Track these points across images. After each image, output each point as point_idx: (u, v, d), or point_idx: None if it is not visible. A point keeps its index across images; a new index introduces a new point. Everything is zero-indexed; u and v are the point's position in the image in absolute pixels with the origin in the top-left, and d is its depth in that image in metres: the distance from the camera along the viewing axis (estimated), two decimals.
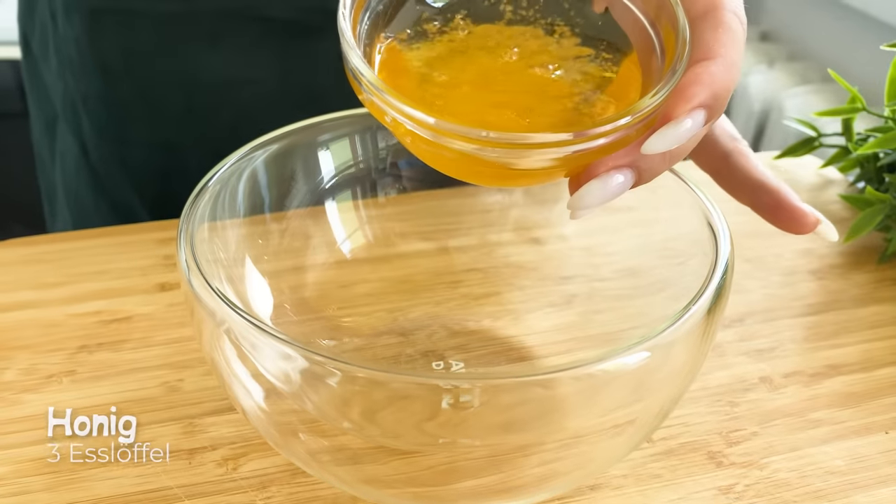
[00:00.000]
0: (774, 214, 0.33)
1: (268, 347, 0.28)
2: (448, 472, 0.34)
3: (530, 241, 0.48)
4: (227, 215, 0.34)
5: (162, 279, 0.45)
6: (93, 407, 0.36)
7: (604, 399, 0.29)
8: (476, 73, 0.30)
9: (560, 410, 0.29)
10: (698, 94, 0.27)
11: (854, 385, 0.39)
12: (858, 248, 0.49)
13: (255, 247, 0.37)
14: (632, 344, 0.27)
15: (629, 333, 0.41)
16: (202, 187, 0.33)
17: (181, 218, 0.32)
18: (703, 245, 0.42)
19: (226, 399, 0.37)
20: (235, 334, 0.29)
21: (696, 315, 0.28)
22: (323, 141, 0.37)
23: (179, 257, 0.31)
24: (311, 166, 0.37)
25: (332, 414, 0.32)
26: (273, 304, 0.37)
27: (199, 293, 0.29)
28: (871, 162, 0.52)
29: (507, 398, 0.29)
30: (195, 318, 0.31)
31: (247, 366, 0.30)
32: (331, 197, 0.39)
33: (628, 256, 0.45)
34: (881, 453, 0.36)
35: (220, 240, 0.34)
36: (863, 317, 0.44)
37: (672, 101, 0.27)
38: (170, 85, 0.53)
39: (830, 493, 0.34)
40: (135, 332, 0.41)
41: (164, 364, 0.39)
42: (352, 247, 0.41)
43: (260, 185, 0.36)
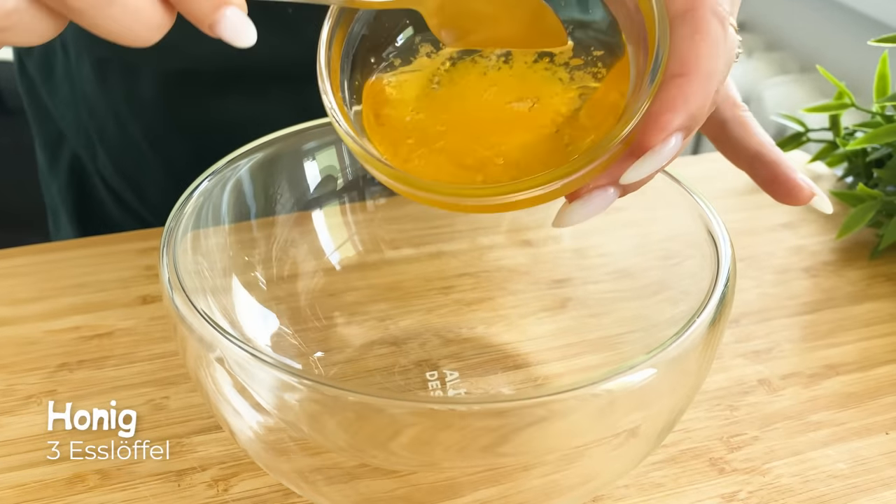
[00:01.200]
0: (770, 186, 0.32)
1: (257, 371, 0.27)
2: (445, 489, 0.33)
3: (522, 244, 0.47)
4: (212, 225, 0.33)
5: (143, 291, 0.43)
6: (74, 431, 0.35)
7: (608, 415, 0.28)
8: (456, 113, 0.30)
9: (561, 429, 0.28)
10: (673, 121, 0.27)
11: (852, 385, 0.39)
12: (849, 245, 0.49)
13: (240, 258, 0.36)
14: (637, 361, 0.26)
15: (626, 338, 0.40)
16: (186, 198, 0.32)
17: (164, 231, 0.31)
18: (700, 246, 0.42)
19: (213, 417, 0.36)
20: (223, 357, 0.28)
21: (701, 326, 0.28)
22: (309, 149, 0.36)
23: (162, 274, 0.29)
24: (296, 174, 0.36)
25: (326, 437, 0.31)
26: (260, 317, 0.36)
27: (182, 312, 0.28)
28: (860, 157, 0.52)
29: (506, 420, 0.28)
30: (178, 335, 0.30)
31: (234, 387, 0.29)
32: (318, 205, 0.38)
33: (621, 258, 0.44)
34: (883, 455, 0.36)
35: (205, 251, 0.33)
36: (858, 314, 0.44)
37: (647, 130, 0.26)
38: (180, 129, 0.53)
39: (834, 498, 0.34)
40: (117, 347, 0.40)
41: (149, 381, 0.38)
42: (340, 255, 0.40)
43: (245, 194, 0.34)
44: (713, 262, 0.35)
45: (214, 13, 0.24)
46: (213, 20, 0.24)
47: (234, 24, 0.24)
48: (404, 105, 0.30)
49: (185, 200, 0.31)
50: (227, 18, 0.24)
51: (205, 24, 0.24)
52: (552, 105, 0.30)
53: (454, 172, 0.30)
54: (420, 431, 0.28)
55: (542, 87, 0.31)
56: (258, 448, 0.31)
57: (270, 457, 0.31)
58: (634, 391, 0.27)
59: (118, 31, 0.23)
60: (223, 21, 0.24)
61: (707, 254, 0.39)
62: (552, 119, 0.30)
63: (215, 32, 0.24)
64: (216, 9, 0.24)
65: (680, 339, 0.27)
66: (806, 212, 0.52)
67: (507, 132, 0.30)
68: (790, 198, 0.32)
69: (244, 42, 0.25)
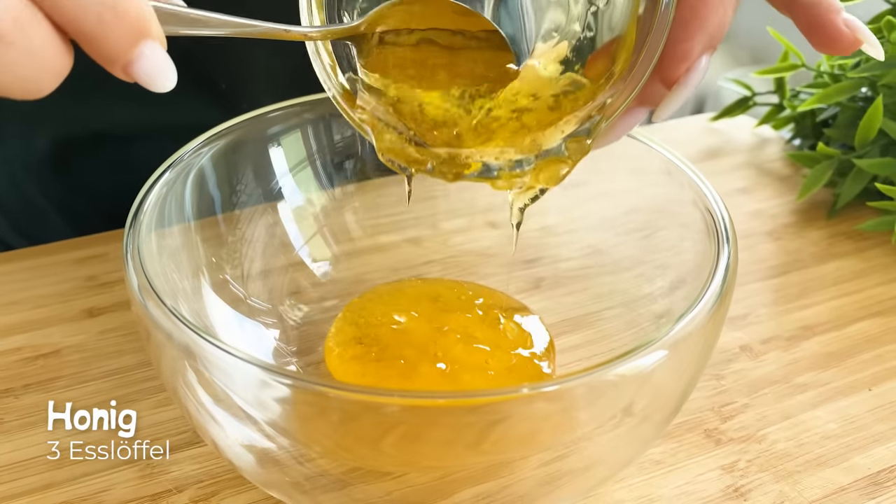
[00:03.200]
0: (810, 31, 0.28)
1: (246, 376, 0.25)
2: (442, 486, 0.31)
3: (486, 226, 0.45)
4: (175, 221, 0.30)
5: (88, 304, 0.40)
6: (28, 460, 0.32)
7: (613, 400, 0.27)
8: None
9: (565, 418, 0.27)
10: (693, 49, 0.26)
11: (830, 345, 0.39)
12: (806, 206, 0.49)
13: (208, 257, 0.33)
14: (647, 343, 0.25)
15: (606, 314, 0.39)
16: (145, 193, 0.29)
17: (126, 230, 0.28)
18: (677, 216, 0.41)
19: (186, 431, 0.33)
20: (206, 364, 0.25)
21: (710, 300, 0.27)
22: (273, 134, 0.33)
23: (129, 278, 0.27)
24: (261, 162, 0.34)
25: (316, 441, 0.29)
26: (234, 320, 0.33)
27: (158, 320, 0.25)
28: (808, 118, 0.52)
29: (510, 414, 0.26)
30: (152, 345, 0.27)
31: (219, 395, 0.27)
32: (282, 195, 0.35)
33: (588, 234, 0.43)
34: (869, 412, 0.36)
35: (171, 251, 0.30)
36: (824, 274, 0.44)
37: (669, 62, 0.26)
38: (81, 189, 0.49)
39: (830, 458, 0.33)
40: (66, 367, 0.36)
41: (108, 400, 0.34)
42: (310, 249, 0.38)
43: (208, 185, 0.32)
44: (702, 230, 0.34)
45: (130, 50, 0.20)
46: (127, 59, 0.20)
47: (154, 64, 0.21)
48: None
49: (145, 194, 0.29)
50: (144, 57, 0.20)
51: (117, 66, 0.20)
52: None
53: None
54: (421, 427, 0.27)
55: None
56: (248, 460, 0.29)
57: (261, 468, 0.29)
58: (645, 374, 0.25)
59: (11, 82, 0.19)
60: (140, 60, 0.20)
61: (689, 222, 0.38)
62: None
63: (130, 74, 0.21)
64: (132, 45, 0.20)
65: (689, 315, 0.26)
66: (760, 175, 0.52)
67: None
68: (832, 45, 0.27)
69: (162, 85, 0.21)
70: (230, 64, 0.46)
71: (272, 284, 0.36)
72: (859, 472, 0.33)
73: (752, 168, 0.53)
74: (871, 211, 0.47)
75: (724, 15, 0.26)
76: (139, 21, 0.20)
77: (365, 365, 0.34)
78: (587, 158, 0.46)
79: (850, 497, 0.32)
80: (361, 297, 0.37)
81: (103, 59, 0.20)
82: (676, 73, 0.26)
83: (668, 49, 0.26)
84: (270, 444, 0.29)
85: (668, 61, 0.26)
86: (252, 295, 0.35)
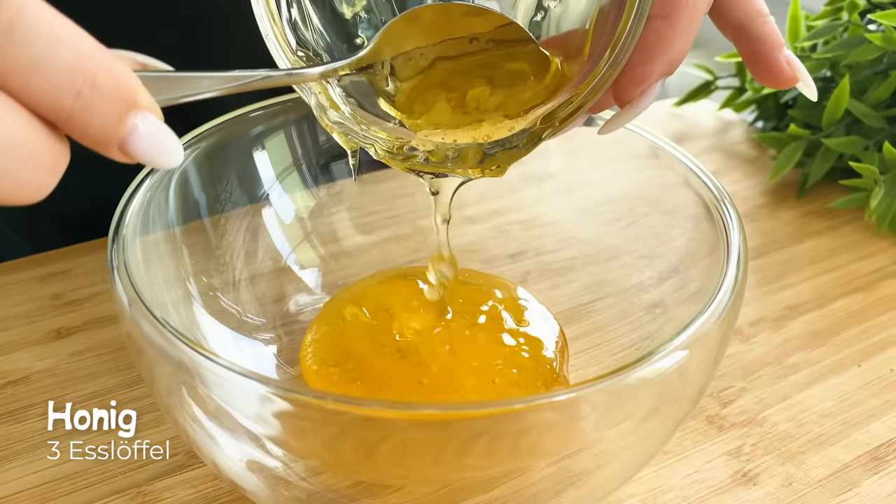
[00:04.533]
0: (752, 63, 0.29)
1: (248, 393, 0.23)
2: (451, 495, 0.30)
3: (465, 221, 0.45)
4: (160, 228, 0.29)
5: (55, 324, 0.37)
6: (12, 496, 0.30)
7: (634, 405, 0.26)
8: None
9: (578, 425, 0.26)
10: (653, 73, 0.26)
11: (815, 323, 0.40)
12: (776, 186, 0.50)
13: (196, 267, 0.31)
14: (666, 343, 0.24)
15: (597, 305, 0.39)
16: (126, 202, 0.27)
17: (109, 244, 0.26)
18: (660, 203, 0.41)
19: (179, 453, 0.32)
20: (205, 381, 0.24)
21: (727, 292, 0.26)
22: (257, 134, 0.32)
23: (117, 292, 0.25)
24: (245, 165, 0.32)
25: (323, 455, 0.27)
26: (228, 335, 0.32)
27: (151, 336, 0.24)
28: (771, 100, 0.53)
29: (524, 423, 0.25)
30: (144, 361, 0.26)
31: (215, 411, 0.25)
32: (268, 200, 0.34)
33: (567, 225, 0.43)
34: (861, 387, 0.36)
35: (157, 260, 0.29)
36: (801, 253, 0.44)
37: (625, 83, 0.26)
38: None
39: (830, 437, 0.34)
40: (38, 393, 0.34)
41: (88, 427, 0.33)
42: (297, 256, 0.36)
43: (192, 190, 0.30)
44: (695, 214, 0.34)
45: (120, 126, 0.18)
46: (120, 136, 0.18)
47: (152, 137, 0.18)
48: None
49: (126, 203, 0.27)
50: (139, 131, 0.18)
51: (112, 146, 0.18)
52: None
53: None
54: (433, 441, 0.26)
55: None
56: (248, 478, 0.27)
57: (264, 486, 0.27)
58: (667, 376, 0.25)
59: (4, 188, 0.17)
60: (135, 135, 0.18)
61: (676, 207, 0.38)
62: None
63: (129, 153, 0.18)
64: (121, 119, 0.18)
65: (706, 313, 0.25)
66: (727, 159, 0.53)
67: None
68: (770, 79, 0.29)
69: (169, 161, 0.19)
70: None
71: (262, 291, 0.35)
72: (859, 448, 0.33)
73: (718, 151, 0.54)
74: (839, 188, 0.48)
75: (687, 43, 0.26)
76: (123, 91, 0.18)
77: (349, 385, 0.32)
78: (563, 148, 0.46)
79: (854, 473, 0.32)
80: (336, 300, 0.36)
81: (93, 141, 0.18)
82: (632, 95, 0.26)
83: (627, 69, 0.26)
84: (271, 461, 0.28)
85: (625, 81, 0.26)
86: (245, 309, 0.33)
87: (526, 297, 0.38)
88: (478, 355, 0.32)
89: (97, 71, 0.17)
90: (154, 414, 0.33)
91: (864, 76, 0.46)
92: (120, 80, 0.18)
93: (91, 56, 0.17)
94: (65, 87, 0.17)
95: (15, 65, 0.17)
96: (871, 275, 0.43)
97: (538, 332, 0.35)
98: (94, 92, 0.17)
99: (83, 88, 0.17)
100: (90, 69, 0.17)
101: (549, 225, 0.44)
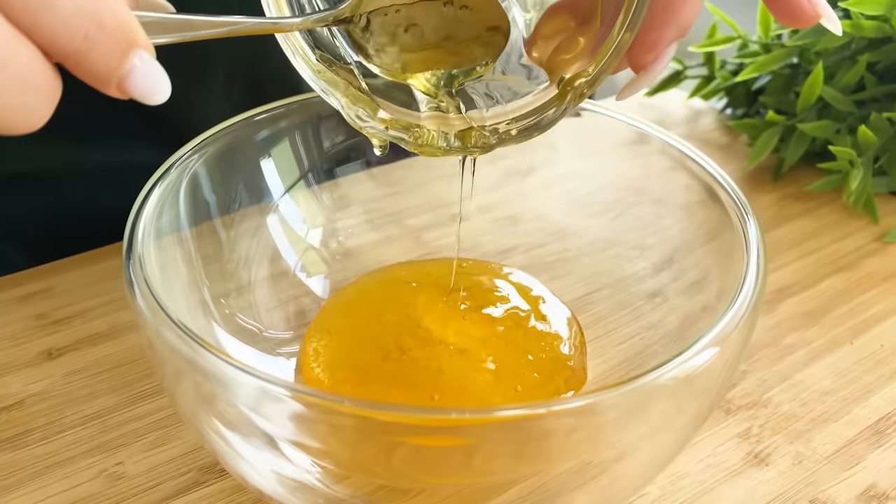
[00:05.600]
0: (774, 6, 0.27)
1: (283, 402, 0.23)
2: (474, 493, 0.30)
3: (454, 219, 0.44)
4: (172, 233, 0.28)
5: (44, 345, 0.36)
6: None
7: (664, 405, 0.26)
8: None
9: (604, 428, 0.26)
10: (663, 39, 0.26)
11: (805, 304, 0.41)
12: (752, 172, 0.51)
13: (210, 276, 0.30)
14: (697, 341, 0.24)
15: (595, 297, 0.39)
16: (137, 211, 0.26)
17: (125, 259, 0.25)
18: (647, 192, 0.41)
19: (189, 471, 0.31)
20: (238, 391, 0.23)
21: (752, 283, 0.26)
22: (262, 139, 0.31)
23: (136, 302, 0.24)
24: (252, 170, 0.31)
25: (357, 461, 0.27)
26: (236, 333, 0.31)
27: (179, 348, 0.23)
28: (741, 87, 0.54)
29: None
30: (168, 372, 0.25)
31: (253, 424, 0.25)
32: (276, 208, 0.33)
33: (557, 218, 0.43)
34: (856, 364, 0.37)
35: (172, 267, 0.28)
36: (781, 237, 0.45)
37: (638, 49, 0.26)
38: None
39: (833, 413, 0.35)
40: (35, 418, 0.33)
41: (92, 449, 0.31)
42: (304, 262, 0.35)
43: (203, 191, 0.29)
44: (691, 201, 0.34)
45: (121, 65, 0.19)
46: (120, 74, 0.19)
47: (148, 74, 0.19)
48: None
49: (138, 211, 0.26)
50: (137, 69, 0.19)
51: (112, 83, 0.19)
52: None
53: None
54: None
55: None
56: (277, 486, 0.27)
57: (288, 493, 0.27)
58: (699, 374, 0.24)
59: (9, 109, 0.18)
60: (134, 73, 0.19)
61: (665, 195, 0.38)
62: None
63: (125, 90, 0.19)
64: (122, 58, 0.19)
65: (734, 307, 0.25)
66: (701, 146, 0.54)
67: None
68: (794, 18, 0.27)
69: (159, 96, 0.20)
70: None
71: (275, 300, 0.34)
72: (861, 423, 0.34)
73: (692, 140, 0.54)
74: (812, 172, 0.49)
75: (696, 7, 0.26)
76: (125, 31, 0.19)
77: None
78: (542, 141, 0.46)
79: (860, 448, 0.33)
80: (337, 303, 0.35)
81: (95, 78, 0.19)
82: (645, 61, 0.27)
83: (638, 37, 0.26)
84: (297, 469, 0.27)
85: (637, 48, 0.27)
86: (265, 325, 0.33)
87: (532, 283, 0.38)
88: (496, 360, 0.32)
89: (103, 10, 0.18)
90: (161, 431, 0.32)
91: (833, 62, 0.48)
92: (123, 20, 0.19)
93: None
94: (74, 27, 0.18)
95: (27, 3, 0.17)
96: (853, 254, 0.44)
97: (553, 325, 0.35)
98: (99, 31, 0.18)
99: (90, 28, 0.18)
100: (96, 8, 0.18)
101: (538, 219, 0.44)
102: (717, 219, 0.32)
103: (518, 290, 0.37)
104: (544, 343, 0.34)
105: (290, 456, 0.27)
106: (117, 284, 0.39)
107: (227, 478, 0.31)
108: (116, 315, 0.38)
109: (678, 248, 0.38)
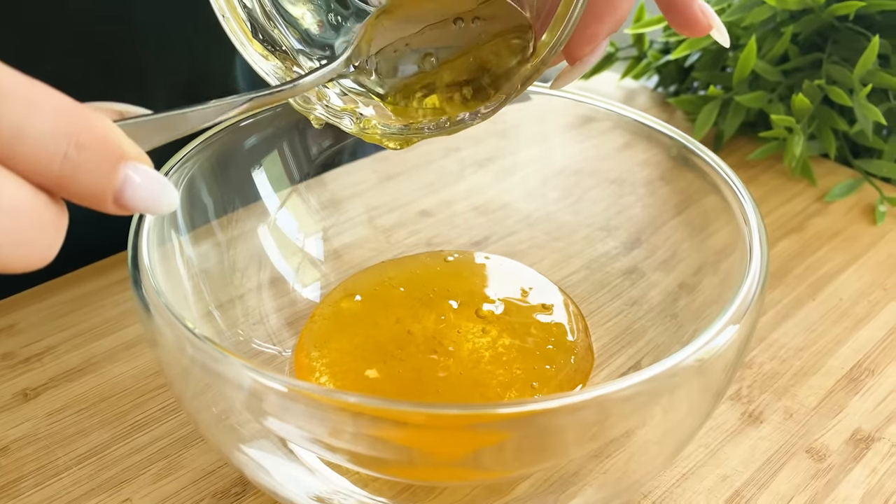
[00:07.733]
0: (669, 13, 0.31)
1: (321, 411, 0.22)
2: (493, 486, 0.31)
3: (420, 216, 0.44)
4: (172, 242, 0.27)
5: (17, 386, 0.34)
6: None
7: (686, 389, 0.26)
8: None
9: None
10: (601, 33, 0.28)
11: None
12: None
13: (212, 282, 0.29)
14: (715, 323, 0.24)
15: (572, 279, 0.40)
16: (136, 231, 0.25)
17: (129, 260, 0.24)
18: (606, 173, 0.42)
19: (204, 497, 0.30)
20: (273, 404, 0.23)
21: (760, 260, 0.27)
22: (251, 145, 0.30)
23: (153, 318, 0.23)
24: (244, 176, 0.30)
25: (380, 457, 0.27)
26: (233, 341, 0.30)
27: (214, 367, 0.22)
28: (672, 65, 0.56)
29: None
30: (188, 388, 0.24)
31: (288, 438, 0.24)
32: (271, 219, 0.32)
33: (521, 206, 0.44)
34: (822, 318, 0.39)
35: (176, 283, 0.27)
36: None
37: (576, 43, 0.28)
38: None
39: (811, 367, 0.37)
40: (24, 463, 0.31)
41: (94, 488, 0.30)
42: (297, 274, 0.35)
43: (201, 197, 0.28)
44: (655, 178, 0.35)
45: (112, 180, 0.18)
46: (114, 189, 0.18)
47: (146, 186, 0.18)
48: None
49: (136, 232, 0.25)
50: (131, 182, 0.18)
51: (108, 200, 0.18)
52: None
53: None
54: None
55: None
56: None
57: None
58: (724, 354, 0.25)
59: (6, 248, 0.17)
60: (129, 187, 0.18)
61: (622, 175, 0.40)
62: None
63: (125, 206, 0.18)
64: (112, 173, 0.18)
65: (745, 285, 0.26)
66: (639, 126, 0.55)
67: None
68: (687, 27, 0.31)
69: (164, 205, 0.19)
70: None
71: (272, 311, 0.33)
72: (837, 373, 0.36)
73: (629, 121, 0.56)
74: (748, 141, 0.52)
75: (631, 3, 0.28)
76: (108, 145, 0.18)
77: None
78: (493, 130, 0.46)
79: (840, 396, 0.35)
80: (317, 323, 0.35)
81: (88, 199, 0.18)
82: (581, 53, 0.28)
83: (577, 29, 0.27)
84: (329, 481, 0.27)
85: (576, 40, 0.28)
86: (235, 317, 0.32)
87: (521, 269, 0.38)
88: (508, 361, 0.32)
89: (80, 129, 0.17)
90: (165, 461, 0.31)
91: (760, 35, 0.50)
92: (103, 135, 0.18)
93: (70, 114, 0.17)
94: (51, 151, 0.17)
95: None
96: (799, 215, 0.46)
97: (554, 311, 0.35)
98: (80, 151, 0.17)
99: (69, 149, 0.17)
100: (72, 129, 0.17)
101: (503, 208, 0.44)
102: (689, 187, 0.33)
103: (510, 279, 0.38)
104: (549, 332, 0.34)
105: (320, 463, 0.27)
106: (84, 316, 0.37)
107: (243, 501, 0.30)
108: (89, 347, 0.36)
109: (646, 227, 0.39)
